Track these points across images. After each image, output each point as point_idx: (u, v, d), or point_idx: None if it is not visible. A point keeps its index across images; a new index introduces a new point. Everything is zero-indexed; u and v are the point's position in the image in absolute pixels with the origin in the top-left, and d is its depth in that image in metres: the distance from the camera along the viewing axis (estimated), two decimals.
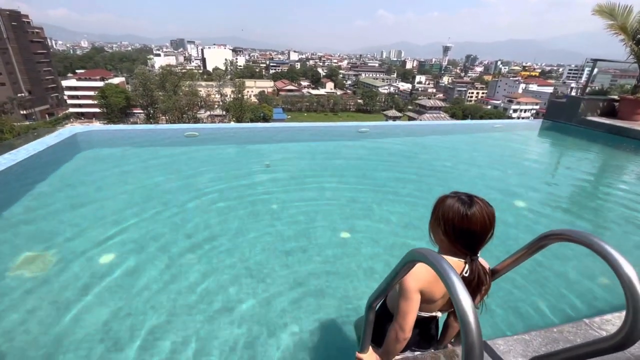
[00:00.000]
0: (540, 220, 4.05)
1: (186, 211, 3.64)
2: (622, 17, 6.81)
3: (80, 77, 69.13)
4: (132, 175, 4.31)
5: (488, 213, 1.13)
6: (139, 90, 52.55)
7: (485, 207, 1.13)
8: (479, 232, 1.12)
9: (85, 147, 4.69)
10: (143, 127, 5.58)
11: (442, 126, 7.76)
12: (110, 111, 53.47)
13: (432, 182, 4.93)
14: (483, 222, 1.11)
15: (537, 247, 1.12)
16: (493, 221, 1.14)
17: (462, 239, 1.15)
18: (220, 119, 60.55)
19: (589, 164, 6.19)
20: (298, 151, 5.77)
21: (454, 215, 1.12)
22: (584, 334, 1.40)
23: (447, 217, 1.14)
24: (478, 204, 1.13)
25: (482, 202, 1.14)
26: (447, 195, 1.20)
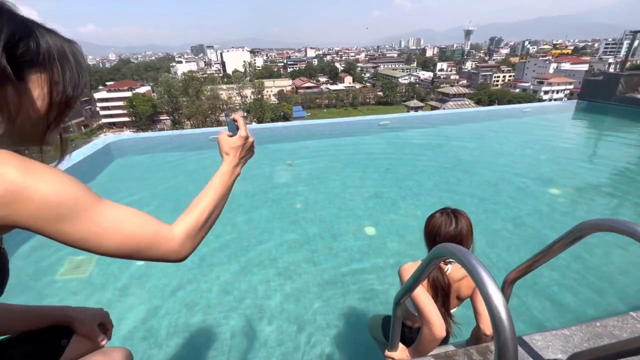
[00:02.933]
0: (578, 208, 3.83)
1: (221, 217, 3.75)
2: None
3: (110, 89, 72.86)
4: (162, 179, 4.50)
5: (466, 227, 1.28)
6: (164, 97, 54.57)
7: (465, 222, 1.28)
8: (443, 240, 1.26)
9: (117, 155, 4.94)
10: (169, 134, 5.81)
11: (466, 114, 7.49)
12: (139, 119, 55.99)
13: (458, 172, 4.78)
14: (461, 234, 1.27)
15: (574, 239, 1.06)
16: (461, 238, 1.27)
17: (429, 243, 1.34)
18: None
19: (631, 145, 5.74)
20: (319, 148, 5.78)
21: (429, 221, 1.33)
22: (631, 328, 1.31)
23: (426, 223, 1.34)
24: (463, 221, 1.28)
25: (463, 218, 1.29)
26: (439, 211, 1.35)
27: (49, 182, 0.51)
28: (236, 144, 0.83)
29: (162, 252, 0.62)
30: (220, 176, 0.79)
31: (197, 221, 0.69)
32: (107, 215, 0.56)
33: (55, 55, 0.57)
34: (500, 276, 2.95)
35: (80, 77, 0.61)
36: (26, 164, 0.50)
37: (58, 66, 0.57)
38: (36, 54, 0.54)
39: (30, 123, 0.57)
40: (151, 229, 0.60)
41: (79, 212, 0.53)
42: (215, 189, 0.76)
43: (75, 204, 0.53)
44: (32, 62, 0.54)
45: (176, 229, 0.65)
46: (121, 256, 0.59)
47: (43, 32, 0.56)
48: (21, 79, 0.54)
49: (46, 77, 0.56)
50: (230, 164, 0.81)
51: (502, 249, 3.06)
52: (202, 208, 0.71)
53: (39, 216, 0.50)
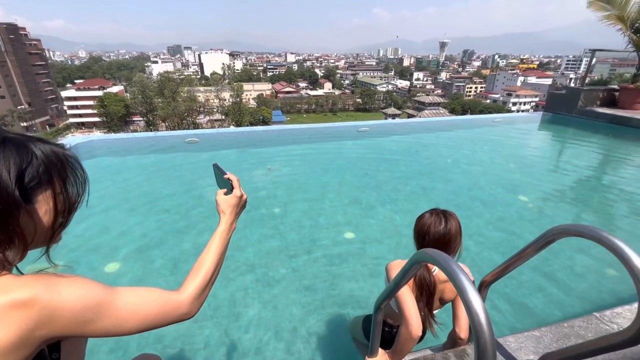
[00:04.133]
0: (545, 214, 4.04)
1: (189, 218, 3.65)
2: (619, 6, 6.78)
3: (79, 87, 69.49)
4: (135, 183, 4.32)
5: (455, 229, 1.31)
6: (137, 98, 52.73)
7: (444, 222, 1.31)
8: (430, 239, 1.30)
9: (86, 157, 4.68)
10: (143, 135, 5.59)
11: (441, 122, 7.75)
12: (110, 120, 53.67)
13: (434, 179, 4.92)
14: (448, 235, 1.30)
15: (544, 243, 1.11)
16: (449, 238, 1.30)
17: (418, 242, 1.36)
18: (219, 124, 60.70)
19: (592, 155, 6.16)
20: (299, 153, 5.76)
21: (419, 220, 1.35)
22: (595, 328, 1.39)
23: (421, 229, 1.34)
24: (451, 222, 1.31)
25: (453, 219, 1.33)
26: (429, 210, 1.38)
27: (72, 295, 0.56)
28: (233, 203, 0.91)
29: (175, 318, 0.71)
30: (219, 236, 0.86)
31: (202, 283, 0.77)
32: (124, 305, 0.63)
33: (55, 169, 0.61)
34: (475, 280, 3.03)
35: (78, 180, 0.66)
36: (49, 283, 0.56)
37: (59, 178, 0.62)
38: (40, 175, 0.59)
39: (40, 235, 0.62)
40: (162, 303, 0.68)
41: (102, 312, 0.59)
42: (216, 249, 0.84)
43: (98, 305, 0.59)
44: (38, 184, 0.59)
45: (184, 294, 0.73)
46: (141, 332, 0.66)
47: (38, 146, 0.59)
48: (30, 202, 0.58)
49: (50, 192, 0.61)
50: (227, 222, 0.89)
51: (475, 253, 3.17)
52: (205, 270, 0.79)
53: (70, 326, 0.56)
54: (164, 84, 53.48)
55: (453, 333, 1.43)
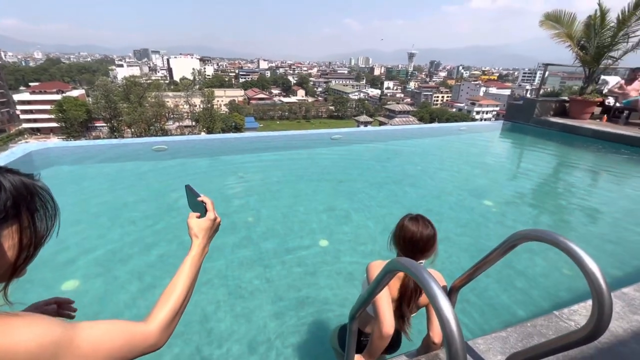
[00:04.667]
0: (507, 217, 4.27)
1: (157, 230, 3.48)
2: (567, 25, 7.43)
3: (34, 91, 64.83)
4: (97, 194, 4.06)
5: (422, 233, 1.34)
6: (100, 102, 50.15)
7: (421, 227, 1.34)
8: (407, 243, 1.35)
9: (42, 166, 4.34)
10: (106, 142, 5.29)
11: (411, 130, 8.02)
12: (70, 125, 50.47)
13: (405, 185, 5.05)
14: (413, 237, 1.34)
15: (507, 248, 1.17)
16: (426, 241, 1.34)
17: (398, 246, 1.39)
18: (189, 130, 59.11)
19: (547, 161, 6.63)
20: (272, 160, 5.71)
21: (398, 225, 1.39)
22: (555, 326, 1.48)
23: (401, 231, 1.37)
24: (416, 222, 1.35)
25: (423, 222, 1.36)
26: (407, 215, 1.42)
27: (26, 335, 0.51)
28: (206, 226, 0.88)
29: (142, 350, 0.66)
30: (191, 261, 0.82)
31: (171, 312, 0.72)
32: (86, 340, 0.58)
33: (24, 202, 0.56)
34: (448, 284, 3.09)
35: (48, 213, 0.61)
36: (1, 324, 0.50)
37: (27, 212, 0.57)
38: (7, 209, 0.54)
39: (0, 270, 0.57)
40: (127, 335, 0.64)
41: (62, 351, 0.55)
42: (187, 275, 0.79)
43: (56, 344, 0.54)
44: (4, 219, 0.54)
45: (152, 325, 0.69)
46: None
47: (7, 177, 0.55)
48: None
49: (17, 227, 0.56)
50: (200, 246, 0.86)
51: (445, 257, 3.28)
52: (175, 298, 0.74)
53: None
54: (130, 89, 51.28)
55: (427, 338, 1.46)
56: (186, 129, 59.31)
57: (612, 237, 3.74)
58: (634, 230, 3.88)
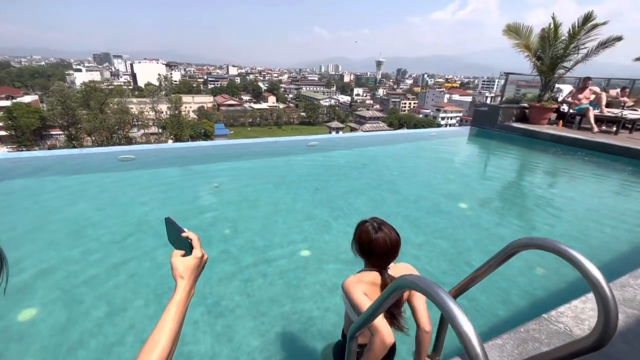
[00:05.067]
0: (482, 219, 4.41)
1: (125, 248, 3.22)
2: (525, 37, 7.97)
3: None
4: (56, 209, 3.71)
5: (391, 239, 1.34)
6: (57, 109, 46.90)
7: (389, 234, 1.34)
8: (381, 253, 1.34)
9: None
10: (67, 152, 4.86)
11: (385, 136, 8.17)
12: (21, 134, 46.61)
13: (383, 191, 5.09)
14: (385, 246, 1.33)
15: (505, 257, 1.16)
16: (396, 246, 1.35)
17: (371, 257, 1.37)
18: (156, 138, 56.84)
19: (512, 163, 7.00)
20: (248, 169, 5.55)
21: (363, 237, 1.36)
22: (547, 329, 1.50)
23: (359, 238, 1.38)
24: (382, 232, 1.34)
25: (388, 229, 1.35)
26: (365, 220, 1.42)
27: None
28: (193, 265, 0.80)
29: None
30: (176, 306, 0.74)
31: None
32: None
33: None
34: None
35: None
36: None
37: None
38: None
39: None
40: None
41: None
42: (173, 322, 0.71)
43: None
44: None
45: None
46: None
47: None
48: None
49: None
50: (185, 288, 0.77)
51: (425, 261, 3.31)
52: (160, 349, 0.66)
53: None
54: (90, 94, 48.44)
55: (418, 332, 1.42)
56: (152, 136, 57.02)
57: (575, 233, 3.98)
58: (594, 227, 4.15)
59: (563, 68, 7.96)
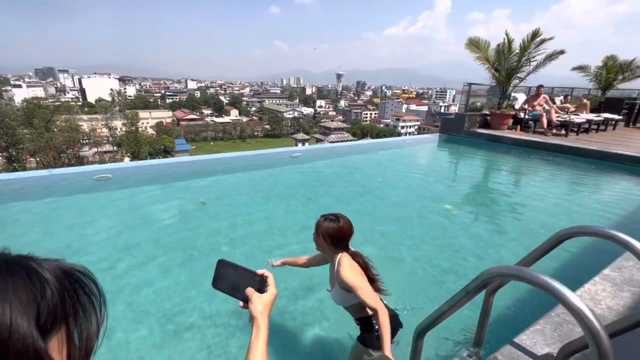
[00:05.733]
0: (467, 217, 4.67)
1: (118, 275, 2.97)
2: (484, 50, 8.70)
3: None
4: (28, 240, 3.31)
5: (349, 224, 1.71)
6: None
7: (347, 220, 1.72)
8: (348, 235, 1.70)
9: None
10: (32, 174, 4.39)
11: (364, 145, 8.41)
12: None
13: (372, 198, 5.21)
14: (349, 230, 1.70)
15: (555, 244, 1.26)
16: (352, 227, 1.73)
17: (340, 243, 1.68)
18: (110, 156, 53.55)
19: (482, 165, 7.53)
20: (233, 183, 5.40)
21: (332, 231, 1.65)
22: None
23: (328, 233, 1.65)
24: (342, 220, 1.69)
25: (343, 218, 1.71)
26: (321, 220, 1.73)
27: None
28: (270, 302, 0.82)
29: None
30: (263, 343, 0.76)
31: None
32: None
33: (69, 296, 0.43)
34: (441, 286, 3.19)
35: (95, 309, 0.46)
36: None
37: (73, 309, 0.43)
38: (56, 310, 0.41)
39: None
40: None
41: None
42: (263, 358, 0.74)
43: None
44: (54, 324, 0.41)
45: None
46: None
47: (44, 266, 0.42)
48: None
49: (65, 331, 0.42)
50: (267, 325, 0.79)
51: (425, 260, 3.43)
52: None
53: None
54: (33, 112, 44.62)
55: None
56: (106, 154, 53.62)
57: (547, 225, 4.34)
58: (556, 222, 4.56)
59: (517, 78, 8.79)
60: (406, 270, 3.32)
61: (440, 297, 2.86)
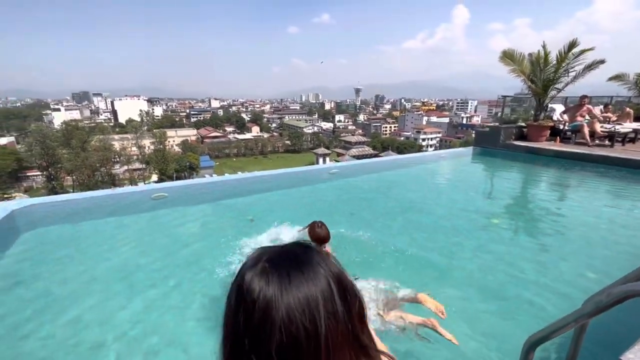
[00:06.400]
0: (518, 232, 4.54)
1: (184, 291, 3.06)
2: (519, 62, 8.61)
3: None
4: (100, 256, 3.51)
5: (325, 232, 2.79)
6: (35, 149, 45.76)
7: (324, 229, 2.81)
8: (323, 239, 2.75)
9: (25, 228, 3.67)
10: (98, 194, 4.69)
11: (400, 160, 8.40)
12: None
13: (415, 213, 5.15)
14: (326, 235, 2.77)
15: None
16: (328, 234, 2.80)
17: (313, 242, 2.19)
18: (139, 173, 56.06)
19: (522, 179, 7.31)
20: (277, 200, 5.53)
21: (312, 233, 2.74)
22: None
23: (311, 233, 2.75)
24: (322, 228, 2.81)
25: (324, 227, 2.83)
26: (311, 224, 2.85)
27: None
28: None
29: None
30: None
31: None
32: None
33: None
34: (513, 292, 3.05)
35: None
36: None
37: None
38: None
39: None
40: None
41: None
42: None
43: None
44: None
45: None
46: None
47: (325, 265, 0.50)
48: None
49: None
50: None
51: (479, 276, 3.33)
52: None
53: None
54: (72, 133, 47.72)
55: None
56: (135, 172, 56.17)
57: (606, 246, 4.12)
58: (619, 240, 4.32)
59: (555, 89, 8.59)
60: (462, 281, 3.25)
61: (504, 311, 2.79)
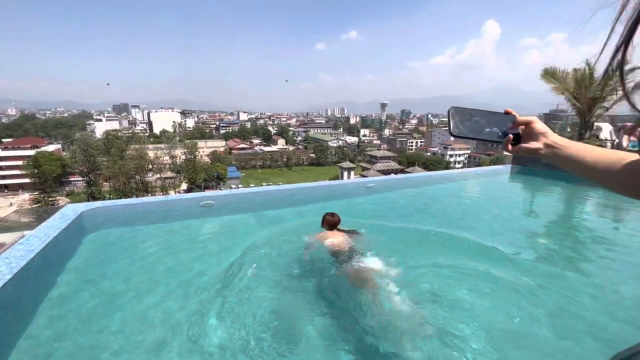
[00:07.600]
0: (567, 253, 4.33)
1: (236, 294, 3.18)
2: (562, 80, 8.37)
3: (6, 147, 62.69)
4: (157, 259, 3.70)
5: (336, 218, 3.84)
6: (78, 156, 49.22)
7: (335, 217, 3.86)
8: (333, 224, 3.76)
9: (91, 230, 3.99)
10: (154, 200, 5.00)
11: (436, 176, 8.31)
12: (44, 180, 48.37)
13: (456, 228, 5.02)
14: (336, 220, 3.80)
15: None
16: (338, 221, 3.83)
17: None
18: (170, 181, 58.55)
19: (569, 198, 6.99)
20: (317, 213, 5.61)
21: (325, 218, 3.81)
22: None
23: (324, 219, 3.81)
24: (334, 216, 3.87)
25: (335, 216, 3.87)
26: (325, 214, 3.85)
27: None
28: None
29: None
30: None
31: None
32: None
33: None
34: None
35: None
36: None
37: None
38: None
39: None
40: None
41: None
42: None
43: None
44: None
45: None
46: None
47: None
48: None
49: None
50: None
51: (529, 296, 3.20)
52: None
53: None
54: (112, 142, 51.00)
55: None
56: (167, 180, 58.72)
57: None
58: None
59: (602, 108, 8.25)
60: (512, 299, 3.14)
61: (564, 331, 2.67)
